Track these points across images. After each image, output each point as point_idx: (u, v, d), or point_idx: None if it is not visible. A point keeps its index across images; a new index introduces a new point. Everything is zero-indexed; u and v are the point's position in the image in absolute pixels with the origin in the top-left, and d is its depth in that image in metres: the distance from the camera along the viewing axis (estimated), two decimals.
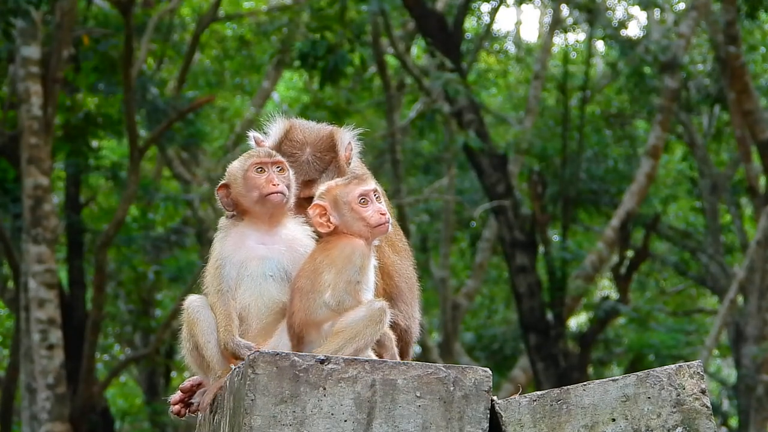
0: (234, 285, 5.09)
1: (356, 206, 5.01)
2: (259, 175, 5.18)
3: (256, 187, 5.17)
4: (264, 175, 5.17)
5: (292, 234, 5.20)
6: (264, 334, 5.07)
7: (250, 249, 5.14)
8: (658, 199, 28.88)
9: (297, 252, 5.14)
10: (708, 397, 4.82)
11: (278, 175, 5.17)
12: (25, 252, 18.76)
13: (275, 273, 5.11)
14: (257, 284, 5.10)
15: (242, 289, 5.09)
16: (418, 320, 5.58)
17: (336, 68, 18.77)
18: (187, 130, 23.28)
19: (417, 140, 27.31)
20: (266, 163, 5.19)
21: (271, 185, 5.15)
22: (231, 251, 5.14)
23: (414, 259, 5.70)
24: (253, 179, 5.18)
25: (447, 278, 26.55)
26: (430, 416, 4.66)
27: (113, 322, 28.33)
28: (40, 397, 18.51)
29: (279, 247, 5.16)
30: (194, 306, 5.14)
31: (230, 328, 5.03)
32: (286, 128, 5.50)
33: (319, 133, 5.50)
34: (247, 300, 5.09)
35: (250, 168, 5.19)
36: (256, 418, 4.59)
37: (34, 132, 18.80)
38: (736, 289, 23.19)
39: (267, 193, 5.15)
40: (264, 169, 5.18)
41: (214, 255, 5.17)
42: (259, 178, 5.17)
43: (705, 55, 27.10)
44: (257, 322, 5.09)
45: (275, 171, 5.18)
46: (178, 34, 25.58)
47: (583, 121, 25.66)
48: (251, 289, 5.10)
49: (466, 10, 23.98)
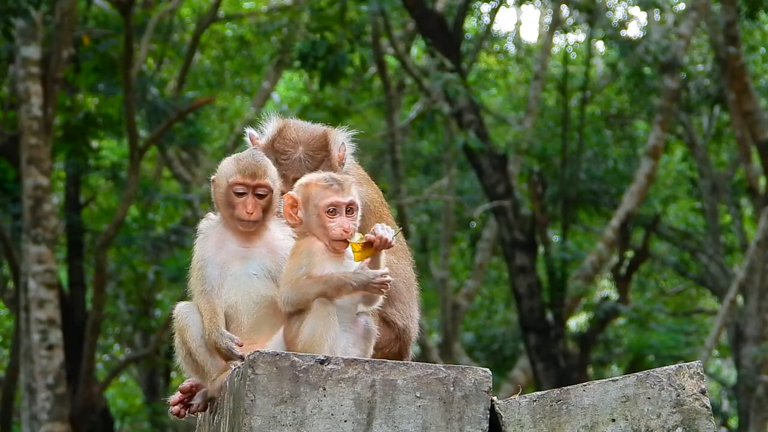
0: (217, 285, 5.09)
1: (323, 213, 4.95)
2: (237, 198, 5.13)
3: (231, 206, 5.14)
4: (241, 199, 5.13)
5: (273, 235, 5.18)
6: (256, 329, 5.08)
7: (231, 251, 5.14)
8: (658, 199, 28.88)
9: (278, 254, 5.13)
10: (708, 398, 4.82)
11: (256, 200, 5.11)
12: (25, 252, 18.76)
13: (258, 272, 5.12)
14: (241, 283, 5.10)
15: (227, 289, 5.10)
16: (416, 320, 5.59)
17: (336, 68, 18.77)
18: (187, 131, 23.29)
19: (417, 141, 27.31)
20: (248, 186, 5.12)
21: (245, 212, 5.11)
22: (212, 253, 5.14)
23: (413, 260, 5.71)
24: (230, 197, 5.14)
25: (447, 278, 26.55)
26: (430, 416, 4.66)
27: (113, 322, 28.33)
28: (40, 398, 18.51)
29: (260, 249, 5.15)
30: (183, 312, 5.14)
31: (215, 320, 5.03)
32: (279, 127, 5.53)
33: (313, 132, 5.53)
34: (233, 299, 5.10)
35: (231, 186, 5.14)
36: (256, 419, 4.59)
37: (34, 132, 18.80)
38: (736, 289, 23.20)
39: (238, 218, 5.13)
40: (244, 192, 5.13)
41: (196, 257, 5.16)
42: (236, 199, 5.13)
43: (705, 55, 27.10)
44: (248, 318, 5.09)
45: (255, 195, 5.12)
46: (178, 34, 25.59)
47: (583, 121, 25.65)
48: (236, 287, 5.10)
49: (466, 11, 23.99)
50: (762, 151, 22.63)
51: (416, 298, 5.61)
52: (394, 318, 5.46)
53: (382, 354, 5.34)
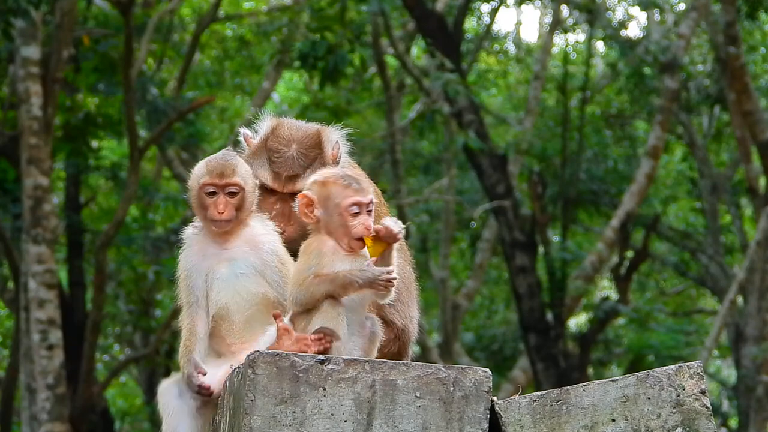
0: (202, 294, 5.10)
1: (345, 212, 4.91)
2: (208, 198, 5.13)
3: (203, 208, 5.15)
4: (212, 199, 5.13)
5: (253, 232, 5.19)
6: (249, 327, 5.09)
7: (214, 255, 5.15)
8: (658, 199, 28.88)
9: (261, 249, 5.14)
10: (708, 398, 4.82)
11: (227, 200, 5.11)
12: (25, 252, 18.75)
13: (245, 270, 5.12)
14: (230, 284, 5.11)
15: (215, 292, 5.11)
16: (416, 320, 5.59)
17: (336, 68, 18.75)
18: (187, 131, 23.27)
19: (417, 141, 27.31)
20: (217, 186, 5.13)
21: (216, 212, 5.11)
22: (195, 261, 5.15)
23: (413, 260, 5.71)
24: (202, 199, 5.15)
25: (447, 279, 26.55)
26: (429, 417, 4.66)
27: (113, 322, 28.32)
28: (39, 398, 18.50)
29: (242, 248, 5.15)
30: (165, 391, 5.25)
31: (190, 342, 5.07)
32: (273, 125, 5.55)
33: (306, 131, 5.54)
34: (223, 300, 5.11)
35: (202, 187, 5.14)
36: (255, 419, 4.59)
37: (34, 132, 18.79)
38: (735, 289, 23.19)
39: (211, 219, 5.13)
40: (215, 191, 5.14)
41: (180, 267, 5.18)
42: (208, 200, 5.13)
43: (705, 55, 27.10)
44: (239, 316, 5.10)
45: (225, 195, 5.12)
46: (178, 34, 25.58)
47: (583, 121, 25.66)
48: (225, 290, 5.11)
49: (466, 11, 23.98)
50: (762, 151, 22.63)
51: (416, 299, 5.61)
52: (393, 318, 5.47)
53: (381, 354, 5.33)
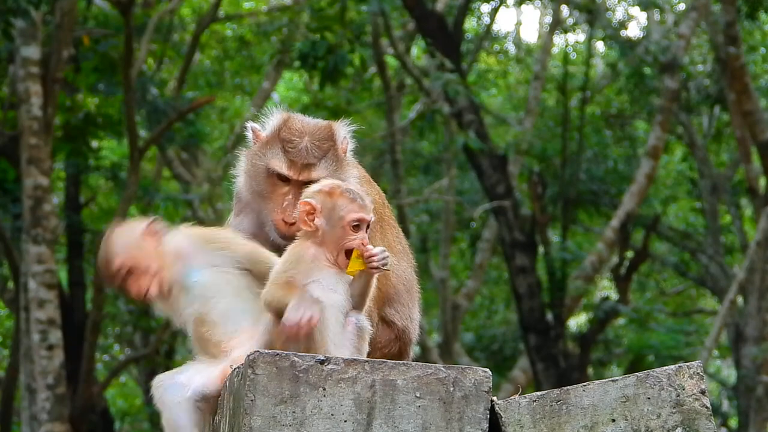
0: (202, 307, 5.13)
1: (347, 226, 4.93)
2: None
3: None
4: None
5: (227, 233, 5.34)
6: (230, 320, 5.12)
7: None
8: (658, 199, 28.88)
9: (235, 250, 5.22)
10: (708, 398, 4.82)
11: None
12: (25, 252, 18.75)
13: (230, 269, 5.19)
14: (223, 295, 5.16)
15: (213, 303, 5.13)
16: (417, 321, 5.59)
17: (336, 68, 18.75)
18: (187, 131, 23.26)
19: (417, 141, 27.31)
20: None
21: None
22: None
23: (414, 260, 5.71)
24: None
25: (447, 279, 26.55)
26: (429, 417, 4.66)
27: (113, 322, 28.32)
28: (39, 398, 18.50)
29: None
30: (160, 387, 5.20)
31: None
32: (285, 118, 5.55)
33: (318, 124, 5.56)
34: (222, 306, 5.14)
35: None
36: (255, 419, 4.59)
37: (34, 132, 18.79)
38: (735, 289, 23.19)
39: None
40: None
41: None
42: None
43: (705, 55, 27.10)
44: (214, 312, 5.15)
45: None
46: (178, 34, 25.57)
47: (583, 121, 25.66)
48: (217, 296, 5.16)
49: (466, 11, 23.98)
50: (762, 151, 22.62)
51: (417, 300, 5.61)
52: (394, 318, 5.46)
53: (382, 354, 5.34)
